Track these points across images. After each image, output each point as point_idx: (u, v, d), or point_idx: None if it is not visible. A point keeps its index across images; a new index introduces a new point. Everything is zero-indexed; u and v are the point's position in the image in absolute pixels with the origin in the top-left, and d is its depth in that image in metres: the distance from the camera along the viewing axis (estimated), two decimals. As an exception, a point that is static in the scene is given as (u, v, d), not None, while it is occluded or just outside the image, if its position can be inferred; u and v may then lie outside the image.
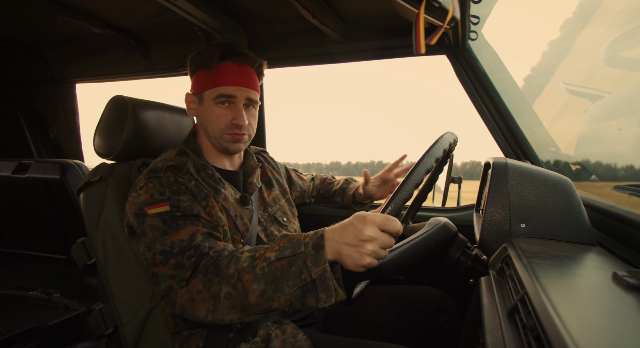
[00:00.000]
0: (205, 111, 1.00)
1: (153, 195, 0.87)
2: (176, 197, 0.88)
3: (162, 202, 0.86)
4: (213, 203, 0.93)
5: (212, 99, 0.98)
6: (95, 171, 1.06)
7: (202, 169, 0.98)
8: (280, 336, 0.92)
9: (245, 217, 1.01)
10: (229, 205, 0.98)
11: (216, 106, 0.98)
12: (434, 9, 0.77)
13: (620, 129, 1.24)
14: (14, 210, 1.78)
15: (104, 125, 1.09)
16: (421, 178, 0.75)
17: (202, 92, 1.00)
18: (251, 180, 1.09)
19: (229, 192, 1.00)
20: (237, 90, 0.98)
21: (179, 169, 0.94)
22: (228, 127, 0.99)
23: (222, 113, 0.98)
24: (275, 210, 1.15)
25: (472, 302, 0.75)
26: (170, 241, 0.82)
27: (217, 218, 0.93)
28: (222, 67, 0.98)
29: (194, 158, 0.99)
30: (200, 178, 0.96)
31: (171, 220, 0.85)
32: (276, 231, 1.11)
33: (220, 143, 1.01)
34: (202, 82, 0.99)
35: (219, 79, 0.97)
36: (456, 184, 1.34)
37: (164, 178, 0.90)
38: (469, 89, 1.32)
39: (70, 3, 1.39)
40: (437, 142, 0.82)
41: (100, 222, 1.01)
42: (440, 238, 0.80)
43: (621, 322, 0.38)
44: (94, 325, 0.98)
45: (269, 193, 1.17)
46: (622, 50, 1.34)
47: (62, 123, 2.11)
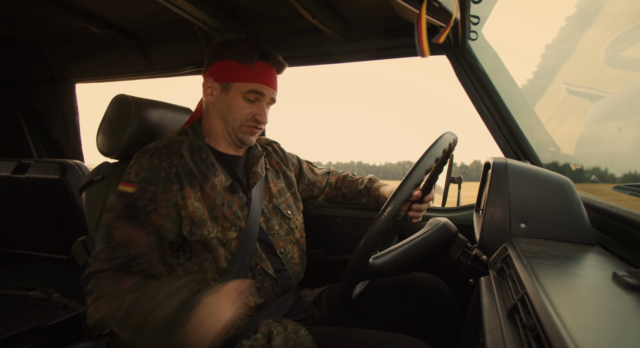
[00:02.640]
0: (230, 101, 1.02)
1: (130, 174, 0.93)
2: (144, 185, 0.91)
3: (133, 183, 0.91)
4: (190, 193, 0.94)
5: (242, 92, 1.02)
6: (97, 170, 1.06)
7: (197, 151, 1.00)
8: (282, 333, 0.92)
9: (234, 205, 1.00)
10: (216, 193, 0.98)
11: (243, 99, 1.02)
12: (434, 9, 0.77)
13: (620, 129, 1.24)
14: (14, 210, 1.78)
15: (107, 124, 1.09)
16: (421, 179, 0.75)
17: (230, 82, 1.02)
18: (255, 170, 1.10)
19: (219, 179, 1.00)
20: (267, 89, 1.03)
21: (169, 148, 0.97)
22: (249, 120, 1.03)
23: (247, 106, 1.03)
24: (280, 202, 1.14)
25: (472, 302, 0.75)
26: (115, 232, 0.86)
27: (194, 208, 0.94)
28: (259, 65, 1.02)
29: (192, 138, 1.01)
30: (193, 161, 0.98)
31: (130, 207, 0.88)
32: (277, 224, 1.10)
33: (236, 133, 1.04)
34: (233, 73, 1.01)
35: (255, 76, 1.01)
36: (456, 184, 1.34)
37: (149, 159, 0.93)
38: (469, 89, 1.32)
39: (70, 3, 1.39)
40: (437, 142, 0.82)
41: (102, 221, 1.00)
42: (441, 238, 0.80)
43: (621, 322, 0.38)
44: (92, 324, 0.98)
45: (275, 185, 1.16)
46: (622, 50, 1.34)
47: (62, 123, 2.11)
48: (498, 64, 1.36)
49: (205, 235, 0.94)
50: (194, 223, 0.93)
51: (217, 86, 1.03)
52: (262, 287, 1.00)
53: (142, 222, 0.88)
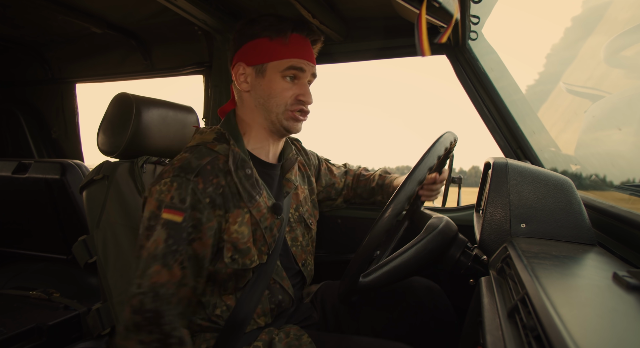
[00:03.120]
0: (268, 84, 0.90)
1: (173, 199, 0.80)
2: (190, 212, 0.80)
3: (180, 210, 0.79)
4: (236, 216, 0.86)
5: (280, 71, 0.89)
6: (98, 169, 1.06)
7: (241, 166, 0.88)
8: (284, 339, 0.89)
9: (275, 228, 0.92)
10: (261, 215, 0.89)
11: (282, 79, 0.90)
12: (434, 9, 0.77)
13: (620, 129, 1.24)
14: (14, 210, 1.78)
15: (108, 123, 1.09)
16: (424, 176, 0.75)
17: (264, 63, 0.90)
18: (289, 177, 1.00)
19: (262, 199, 0.91)
20: (307, 64, 0.92)
21: (214, 166, 0.85)
22: (293, 103, 0.91)
23: (289, 87, 0.91)
24: (304, 210, 1.06)
25: (472, 302, 0.75)
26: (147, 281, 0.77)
27: (239, 234, 0.85)
28: (294, 38, 0.90)
29: (234, 150, 0.88)
30: (238, 178, 0.87)
31: (175, 238, 0.79)
32: (301, 235, 1.03)
33: (281, 121, 0.92)
34: (266, 52, 0.89)
35: (291, 51, 0.89)
36: (456, 184, 1.34)
37: (192, 183, 0.81)
38: (469, 89, 1.32)
39: (71, 3, 1.39)
40: (437, 142, 0.82)
41: (102, 221, 1.00)
42: (435, 246, 0.78)
43: (621, 322, 0.38)
44: (92, 324, 0.98)
45: (302, 191, 1.07)
46: (623, 49, 1.34)
47: (62, 123, 2.11)
48: (502, 69, 1.36)
49: (247, 265, 0.86)
50: (237, 250, 0.85)
51: (251, 71, 0.91)
52: (276, 307, 0.96)
53: (184, 253, 0.79)
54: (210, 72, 1.67)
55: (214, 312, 0.90)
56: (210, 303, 0.89)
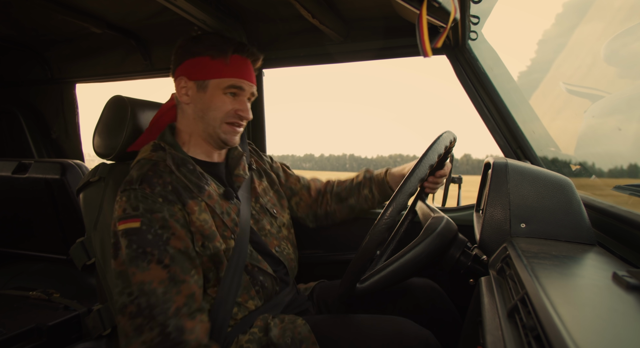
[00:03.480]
0: (209, 99, 0.96)
1: (125, 210, 0.84)
2: (149, 215, 0.83)
3: (134, 217, 0.82)
4: (193, 207, 0.89)
5: (221, 88, 0.96)
6: (94, 171, 1.06)
7: (182, 163, 0.94)
8: (279, 324, 0.92)
9: (232, 212, 0.97)
10: (214, 202, 0.94)
11: (223, 95, 0.96)
12: (434, 9, 0.77)
13: (620, 128, 1.24)
14: (14, 210, 1.78)
15: (103, 126, 1.09)
16: (425, 174, 0.76)
17: (206, 79, 0.96)
18: (237, 172, 1.06)
19: (212, 188, 0.96)
20: (247, 84, 0.98)
21: (155, 170, 0.89)
22: (230, 116, 0.97)
23: (229, 101, 0.97)
24: (266, 201, 1.11)
25: (472, 302, 0.75)
26: (135, 277, 0.79)
27: (202, 221, 0.89)
28: (235, 59, 0.97)
29: (171, 152, 0.94)
30: (182, 174, 0.92)
31: (139, 242, 0.81)
32: (268, 224, 1.07)
33: (218, 134, 0.98)
34: (208, 70, 0.96)
35: (232, 71, 0.96)
36: (456, 184, 1.34)
37: (139, 190, 0.85)
38: (469, 89, 1.32)
39: (70, 3, 1.39)
40: (437, 140, 0.82)
41: (99, 222, 1.00)
42: (434, 249, 0.78)
43: (621, 322, 0.38)
44: (93, 325, 0.98)
45: (260, 183, 1.13)
46: (622, 48, 1.34)
47: (62, 123, 2.11)
48: (495, 58, 1.36)
49: (217, 247, 0.90)
50: (205, 236, 0.89)
51: (192, 85, 0.97)
52: (262, 289, 0.99)
53: (160, 254, 0.81)
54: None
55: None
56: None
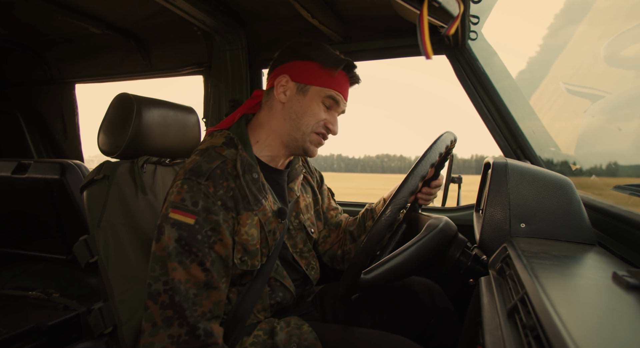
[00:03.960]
0: (307, 103, 0.95)
1: (184, 201, 0.82)
2: (204, 215, 0.82)
3: (190, 213, 0.82)
4: (245, 219, 0.88)
5: (322, 96, 0.96)
6: (99, 169, 1.06)
7: (248, 170, 0.91)
8: (285, 328, 0.92)
9: (277, 232, 0.95)
10: (266, 219, 0.92)
11: (321, 104, 0.96)
12: (434, 9, 0.77)
13: (620, 128, 1.24)
14: (14, 210, 1.78)
15: (109, 123, 1.09)
16: (426, 172, 0.76)
17: (309, 84, 0.95)
18: (292, 186, 1.04)
19: (268, 203, 0.93)
20: (343, 101, 0.99)
21: (223, 170, 0.87)
22: (320, 126, 0.97)
23: (323, 112, 0.97)
24: (305, 218, 1.08)
25: (471, 301, 0.75)
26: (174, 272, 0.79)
27: (248, 236, 0.88)
28: (341, 75, 0.97)
29: (242, 154, 0.91)
30: (245, 182, 0.89)
31: (187, 239, 0.80)
32: (302, 242, 1.05)
33: (304, 140, 0.96)
34: (315, 75, 0.95)
35: (336, 83, 0.96)
36: (456, 184, 1.34)
37: (203, 186, 0.83)
38: (469, 89, 1.32)
39: (70, 3, 1.39)
40: (439, 139, 0.82)
41: (103, 221, 1.00)
42: (436, 245, 0.79)
43: (621, 322, 0.38)
44: (94, 324, 0.98)
45: (304, 199, 1.10)
46: (622, 48, 1.34)
47: (62, 123, 2.11)
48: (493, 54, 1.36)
49: (255, 266, 0.90)
50: (246, 252, 0.88)
51: (293, 86, 0.96)
52: (277, 304, 0.98)
53: (203, 256, 0.81)
54: (210, 72, 1.67)
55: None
56: None
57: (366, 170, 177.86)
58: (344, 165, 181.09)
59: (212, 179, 0.85)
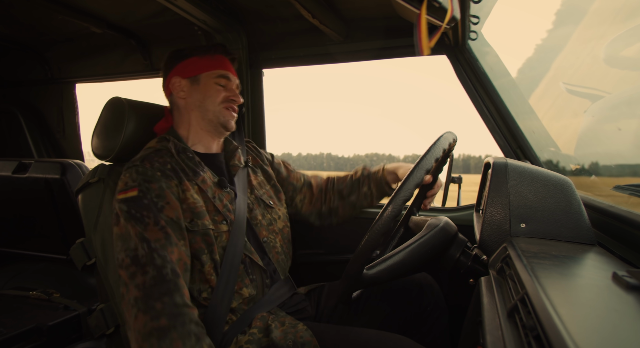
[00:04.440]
0: (203, 89, 1.08)
1: (127, 183, 0.91)
2: (146, 185, 0.90)
3: (132, 187, 0.90)
4: (188, 186, 0.96)
5: (213, 78, 1.09)
6: (94, 172, 1.06)
7: (182, 151, 1.03)
8: (280, 327, 0.93)
9: (224, 199, 1.03)
10: (207, 187, 1.00)
11: (215, 85, 1.09)
12: (434, 9, 0.77)
13: (620, 128, 1.24)
14: (14, 210, 1.78)
15: (102, 127, 1.10)
16: (422, 178, 0.75)
17: (198, 74, 1.09)
18: (232, 163, 1.13)
19: (207, 175, 1.03)
20: (232, 76, 1.13)
21: (157, 153, 0.98)
22: (226, 100, 1.09)
23: (221, 89, 1.09)
24: (261, 193, 1.17)
25: (471, 301, 0.75)
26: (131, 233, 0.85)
27: (193, 200, 0.95)
28: (218, 56, 1.12)
29: (174, 141, 1.04)
30: (180, 159, 1.00)
31: (136, 208, 0.87)
32: (260, 215, 1.11)
33: (218, 117, 1.08)
34: (198, 66, 1.09)
35: (219, 64, 1.11)
36: (456, 184, 1.34)
37: (140, 166, 0.93)
38: (469, 89, 1.32)
39: (70, 3, 1.39)
40: (441, 137, 0.82)
41: (100, 223, 1.01)
42: (438, 243, 0.79)
43: (621, 322, 0.38)
44: (95, 324, 0.98)
45: (255, 178, 1.20)
46: (623, 49, 1.34)
47: (62, 123, 2.11)
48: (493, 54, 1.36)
49: (206, 226, 0.95)
50: (195, 214, 0.94)
51: (186, 82, 1.09)
52: (253, 279, 1.01)
53: (155, 218, 0.87)
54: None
55: (201, 295, 0.94)
56: (195, 289, 0.94)
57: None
58: (333, 164, 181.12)
59: (147, 159, 0.95)
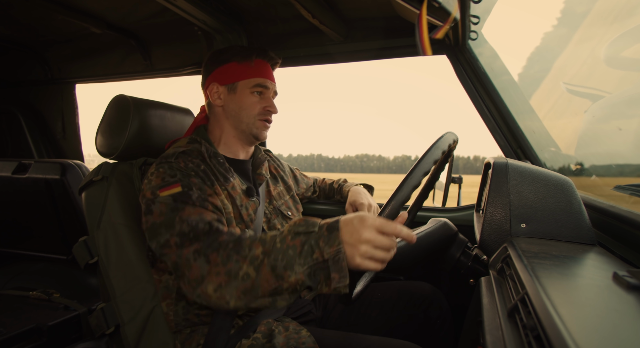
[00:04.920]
0: (239, 99, 1.06)
1: (164, 179, 0.89)
2: (187, 180, 0.89)
3: (174, 183, 0.88)
4: (219, 190, 0.95)
5: (249, 88, 1.06)
6: (97, 170, 1.06)
7: (213, 156, 1.01)
8: (283, 332, 0.92)
9: (250, 209, 1.02)
10: (236, 194, 1.00)
11: (252, 95, 1.06)
12: (434, 9, 0.77)
13: (620, 128, 1.24)
14: (14, 210, 1.78)
15: (106, 125, 1.09)
16: (419, 181, 0.75)
17: (235, 82, 1.06)
18: (260, 172, 1.12)
19: (237, 182, 1.02)
20: (270, 83, 1.09)
21: (190, 154, 0.96)
22: (261, 113, 1.07)
23: (257, 101, 1.07)
24: (280, 204, 1.17)
25: (472, 302, 0.75)
26: (180, 217, 0.83)
27: (224, 205, 0.94)
28: (258, 62, 1.08)
29: (206, 145, 1.02)
30: (212, 164, 0.99)
31: (182, 198, 0.86)
32: (279, 224, 1.11)
33: (251, 129, 1.07)
34: (236, 73, 1.07)
35: (257, 72, 1.07)
36: (456, 184, 1.34)
37: (174, 163, 0.92)
38: (469, 89, 1.32)
39: (70, 3, 1.39)
40: (444, 135, 0.82)
41: (103, 221, 1.01)
42: (444, 235, 0.80)
43: (621, 322, 0.38)
44: (96, 324, 0.98)
45: (275, 188, 1.19)
46: (623, 50, 1.34)
47: (62, 123, 2.11)
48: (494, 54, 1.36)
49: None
50: (225, 219, 0.93)
51: (223, 89, 1.07)
52: None
53: (202, 203, 0.87)
54: (210, 72, 1.67)
55: None
56: None
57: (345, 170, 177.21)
58: (324, 165, 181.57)
59: (181, 157, 0.94)
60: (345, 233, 0.69)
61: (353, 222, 0.69)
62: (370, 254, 0.67)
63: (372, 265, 0.67)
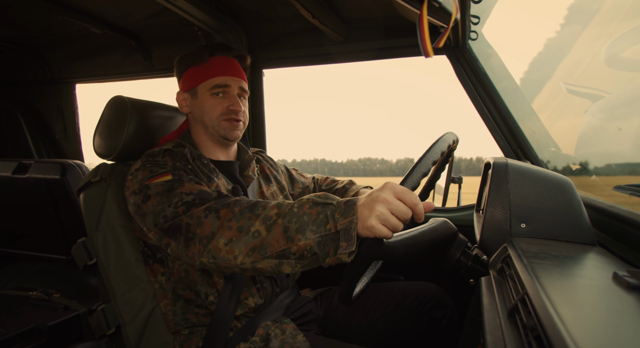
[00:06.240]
0: (201, 103, 1.04)
1: (153, 171, 0.88)
2: (177, 171, 0.89)
3: (164, 173, 0.87)
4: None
5: (208, 90, 1.04)
6: (95, 171, 1.06)
7: (197, 158, 1.01)
8: (279, 336, 0.93)
9: None
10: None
11: (211, 97, 1.04)
12: (434, 9, 0.77)
13: (620, 128, 1.24)
14: (14, 210, 1.78)
15: (104, 126, 1.09)
16: (438, 156, 0.76)
17: (195, 86, 1.05)
18: (247, 173, 1.11)
19: (221, 182, 1.01)
20: (231, 80, 1.05)
21: (175, 155, 0.96)
22: (224, 113, 1.04)
23: (218, 102, 1.04)
24: None
25: (472, 302, 0.75)
26: (180, 191, 0.82)
27: None
28: (214, 60, 1.05)
29: (190, 148, 1.02)
30: (196, 165, 0.98)
31: (177, 180, 0.85)
32: None
33: (217, 131, 1.04)
34: (194, 77, 1.05)
35: (212, 71, 1.04)
36: (456, 184, 1.34)
37: (161, 161, 0.91)
38: (469, 89, 1.32)
39: (70, 3, 1.39)
40: (444, 135, 0.82)
41: (101, 223, 1.01)
42: (445, 232, 0.80)
43: (621, 322, 0.38)
44: (96, 325, 0.98)
45: (268, 188, 1.18)
46: (623, 50, 1.34)
47: (62, 123, 2.11)
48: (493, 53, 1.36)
49: None
50: None
51: (187, 96, 1.07)
52: (261, 288, 1.00)
53: (200, 184, 0.87)
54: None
55: (207, 299, 0.94)
56: (202, 292, 0.94)
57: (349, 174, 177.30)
58: (327, 169, 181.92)
59: (168, 156, 0.95)
60: (362, 200, 0.68)
61: (372, 190, 0.70)
62: (385, 217, 0.65)
63: (384, 231, 0.65)
